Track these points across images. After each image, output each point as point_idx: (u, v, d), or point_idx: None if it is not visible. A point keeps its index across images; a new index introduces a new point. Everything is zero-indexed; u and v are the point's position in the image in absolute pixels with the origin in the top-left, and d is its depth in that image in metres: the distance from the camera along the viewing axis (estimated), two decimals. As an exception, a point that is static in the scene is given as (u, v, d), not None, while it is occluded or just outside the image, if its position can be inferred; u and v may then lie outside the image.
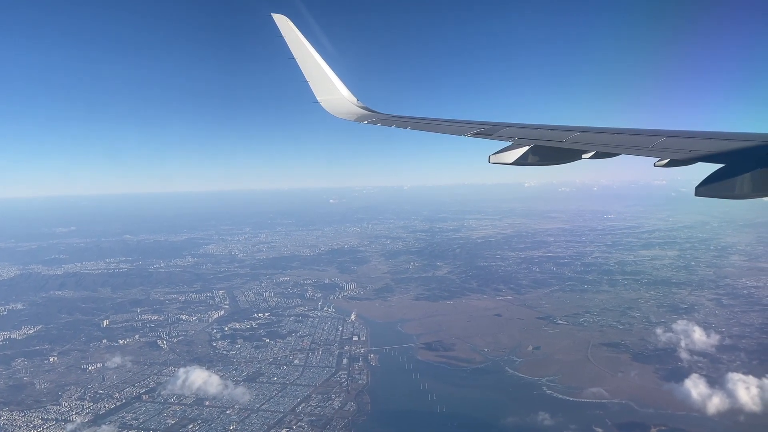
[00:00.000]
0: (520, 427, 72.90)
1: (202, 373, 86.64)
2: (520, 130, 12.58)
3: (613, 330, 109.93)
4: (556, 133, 11.70)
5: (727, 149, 8.98)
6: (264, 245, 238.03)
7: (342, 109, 17.73)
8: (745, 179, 7.61)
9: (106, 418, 77.51)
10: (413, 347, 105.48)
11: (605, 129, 11.42)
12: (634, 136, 11.01)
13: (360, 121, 16.68)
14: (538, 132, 12.19)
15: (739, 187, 7.63)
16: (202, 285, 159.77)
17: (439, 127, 14.64)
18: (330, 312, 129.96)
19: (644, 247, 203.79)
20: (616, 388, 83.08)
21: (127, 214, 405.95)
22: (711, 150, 9.13)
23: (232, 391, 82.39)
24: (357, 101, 18.37)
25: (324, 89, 17.65)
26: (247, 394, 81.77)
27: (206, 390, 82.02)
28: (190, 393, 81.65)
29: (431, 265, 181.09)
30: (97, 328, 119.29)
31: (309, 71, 17.30)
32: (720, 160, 8.48)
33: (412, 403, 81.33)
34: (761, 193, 7.60)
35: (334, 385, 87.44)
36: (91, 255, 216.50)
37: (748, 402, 71.48)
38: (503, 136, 12.29)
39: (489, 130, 12.86)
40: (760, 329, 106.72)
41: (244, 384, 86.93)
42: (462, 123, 14.39)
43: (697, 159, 9.04)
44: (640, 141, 10.52)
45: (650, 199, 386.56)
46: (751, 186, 7.58)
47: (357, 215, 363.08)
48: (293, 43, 16.90)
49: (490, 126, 13.19)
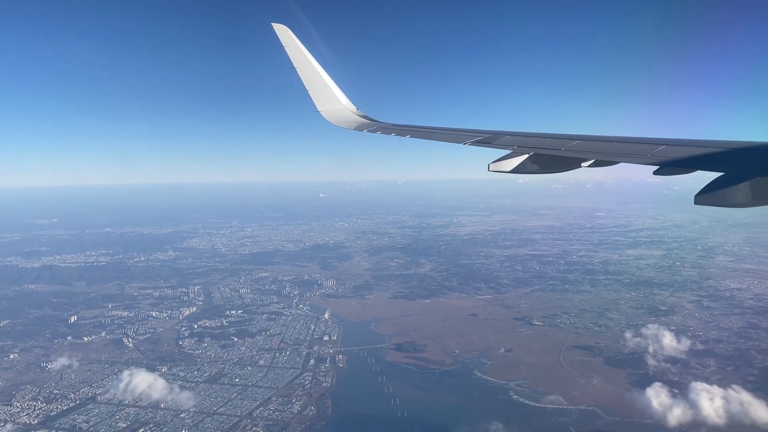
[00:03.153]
0: None
1: (147, 377, 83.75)
2: (519, 138, 12.62)
3: (589, 332, 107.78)
4: (556, 141, 11.75)
5: (727, 157, 9.05)
6: (248, 239, 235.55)
7: (342, 118, 18.01)
8: (745, 188, 7.55)
9: (57, 420, 75.11)
10: (384, 348, 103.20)
11: (604, 137, 11.45)
12: (633, 145, 10.91)
13: (360, 129, 17.08)
14: (537, 140, 12.23)
15: (739, 195, 7.55)
16: (179, 280, 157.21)
17: (439, 135, 14.87)
18: (304, 310, 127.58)
19: (631, 246, 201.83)
20: (583, 394, 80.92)
21: (115, 206, 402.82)
22: (710, 158, 9.18)
23: (176, 395, 79.46)
24: (356, 110, 18.64)
25: (324, 99, 17.93)
26: (192, 399, 78.88)
27: (149, 394, 79.28)
28: (132, 398, 78.94)
29: (414, 263, 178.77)
30: (64, 324, 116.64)
31: (309, 81, 17.57)
32: (719, 169, 8.36)
33: (374, 408, 78.98)
34: (761, 201, 7.58)
35: (296, 388, 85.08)
36: (71, 247, 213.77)
37: (711, 414, 69.25)
38: (502, 144, 12.39)
39: (488, 139, 12.99)
40: (738, 333, 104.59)
41: (194, 388, 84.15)
42: (461, 131, 14.53)
43: (697, 167, 9.06)
44: (639, 149, 10.50)
45: (642, 197, 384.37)
46: (750, 194, 7.53)
47: (347, 210, 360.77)
48: (293, 52, 17.11)
49: (489, 134, 13.30)
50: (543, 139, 12.18)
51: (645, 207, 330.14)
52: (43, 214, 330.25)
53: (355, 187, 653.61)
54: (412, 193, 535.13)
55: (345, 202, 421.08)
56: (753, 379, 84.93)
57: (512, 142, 12.34)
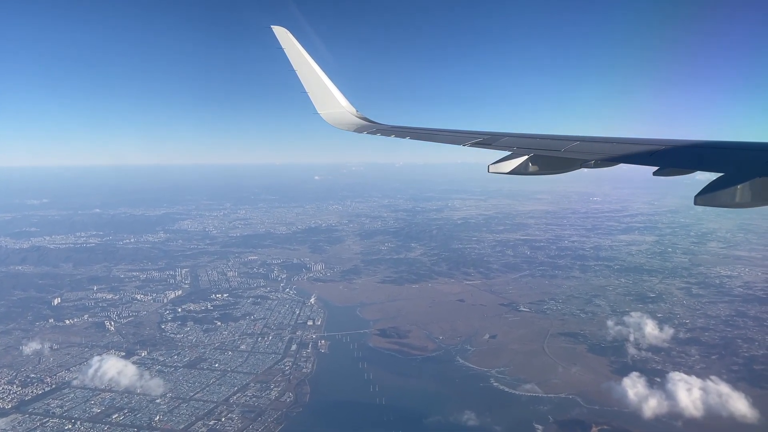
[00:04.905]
0: (454, 423, 69.92)
1: (117, 363, 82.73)
2: (519, 139, 12.66)
3: (575, 319, 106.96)
4: (555, 142, 11.78)
5: (727, 158, 9.06)
6: (241, 222, 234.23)
7: (341, 120, 18.14)
8: (745, 188, 7.56)
9: (31, 404, 74.29)
10: (367, 333, 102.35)
11: (603, 138, 11.50)
12: (632, 146, 10.99)
13: (359, 131, 17.24)
14: (536, 141, 12.32)
15: (739, 195, 7.53)
16: (167, 263, 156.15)
17: (438, 137, 14.91)
18: (291, 294, 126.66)
19: (624, 231, 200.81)
20: (565, 382, 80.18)
21: (110, 187, 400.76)
22: (710, 159, 9.22)
23: (146, 382, 78.47)
24: (356, 112, 18.73)
25: (323, 101, 18.03)
26: (161, 386, 77.88)
27: (119, 381, 78.35)
28: (101, 384, 78.04)
29: (405, 247, 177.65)
30: (47, 307, 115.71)
31: (309, 83, 17.63)
32: (719, 169, 8.35)
33: (352, 395, 78.14)
34: (761, 201, 7.59)
35: (276, 374, 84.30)
36: (62, 228, 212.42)
37: (688, 406, 68.33)
38: (502, 145, 12.40)
39: (488, 140, 13.01)
40: (725, 322, 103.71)
41: (172, 373, 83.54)
42: (461, 133, 14.59)
43: (696, 168, 9.08)
44: (638, 150, 10.63)
45: (640, 182, 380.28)
46: (750, 195, 7.55)
47: (343, 192, 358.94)
48: (293, 55, 17.20)
49: (488, 136, 13.30)
50: (542, 141, 12.30)
51: (641, 191, 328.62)
52: (34, 195, 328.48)
53: (352, 170, 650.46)
54: (410, 176, 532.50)
55: (341, 185, 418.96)
56: (737, 368, 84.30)
57: (512, 143, 12.44)
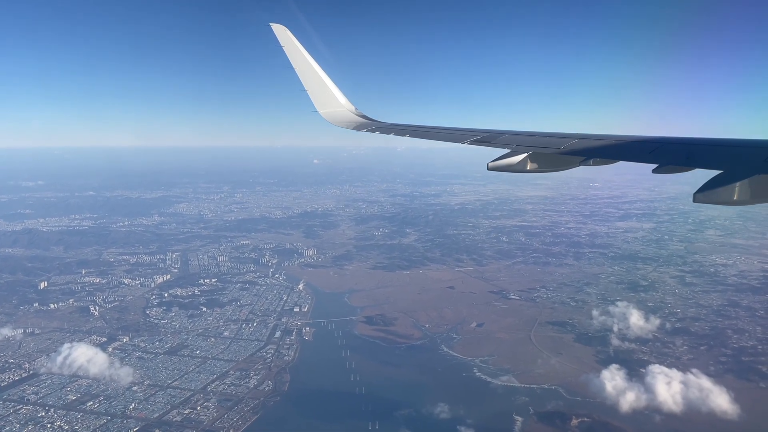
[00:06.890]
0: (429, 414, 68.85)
1: (88, 350, 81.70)
2: (519, 137, 12.65)
3: (564, 307, 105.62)
4: (554, 140, 11.82)
5: (726, 155, 9.09)
6: (237, 205, 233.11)
7: (340, 118, 18.02)
8: (744, 185, 7.52)
9: (6, 391, 73.58)
10: (354, 320, 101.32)
11: (602, 136, 11.47)
12: (631, 143, 10.98)
13: (358, 129, 17.16)
14: (536, 139, 12.31)
15: (738, 193, 7.54)
16: (158, 246, 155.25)
17: (438, 135, 14.85)
18: (280, 280, 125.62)
19: (621, 218, 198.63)
20: (548, 372, 79.06)
21: (109, 169, 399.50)
22: (709, 156, 9.22)
23: (115, 371, 77.41)
24: (355, 110, 18.64)
25: (322, 99, 17.90)
26: (130, 376, 76.85)
27: (88, 369, 77.39)
28: (69, 372, 77.13)
29: (400, 232, 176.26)
30: (33, 290, 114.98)
31: (308, 81, 17.53)
32: (718, 167, 8.28)
33: (332, 384, 77.15)
34: (760, 199, 7.60)
35: (257, 361, 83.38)
36: (56, 210, 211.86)
37: (667, 400, 66.90)
38: (502, 143, 12.46)
39: (487, 138, 13.07)
40: (717, 311, 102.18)
41: (152, 360, 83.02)
42: (460, 131, 14.52)
43: (696, 165, 9.03)
44: (637, 147, 10.61)
45: (641, 167, 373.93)
46: (749, 192, 7.53)
47: (342, 176, 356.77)
48: (292, 53, 17.07)
49: (488, 134, 13.34)
50: (542, 138, 12.31)
51: (642, 177, 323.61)
52: (31, 176, 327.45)
53: (352, 153, 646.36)
54: (411, 160, 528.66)
55: (340, 169, 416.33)
56: (725, 360, 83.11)
57: (511, 141, 12.44)
